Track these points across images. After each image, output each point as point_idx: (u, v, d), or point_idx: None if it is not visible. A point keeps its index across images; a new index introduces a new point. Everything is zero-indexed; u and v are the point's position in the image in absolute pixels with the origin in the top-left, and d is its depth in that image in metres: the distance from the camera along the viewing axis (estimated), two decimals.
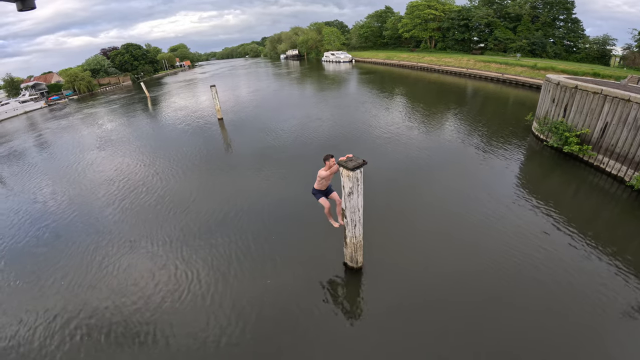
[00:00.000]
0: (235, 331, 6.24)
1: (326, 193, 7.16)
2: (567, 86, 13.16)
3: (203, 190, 12.66)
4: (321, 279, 7.42)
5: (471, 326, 5.98)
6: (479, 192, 10.93)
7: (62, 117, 37.24)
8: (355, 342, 5.86)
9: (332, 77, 49.63)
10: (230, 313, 6.64)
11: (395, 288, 6.99)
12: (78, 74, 62.78)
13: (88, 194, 13.24)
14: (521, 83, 31.96)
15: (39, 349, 6.23)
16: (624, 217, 9.32)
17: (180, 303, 7.02)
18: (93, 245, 9.54)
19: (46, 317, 6.97)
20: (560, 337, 5.64)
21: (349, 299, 6.92)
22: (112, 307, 7.08)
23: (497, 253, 7.81)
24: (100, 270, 8.35)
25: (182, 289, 7.41)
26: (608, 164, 11.36)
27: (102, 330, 6.52)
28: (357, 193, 6.25)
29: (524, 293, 6.64)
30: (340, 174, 6.14)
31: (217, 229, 9.74)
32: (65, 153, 20.26)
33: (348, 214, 6.56)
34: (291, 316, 6.48)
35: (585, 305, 6.28)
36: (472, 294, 6.70)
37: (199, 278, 7.72)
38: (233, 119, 24.81)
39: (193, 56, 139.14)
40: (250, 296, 7.05)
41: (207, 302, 6.97)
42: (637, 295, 6.36)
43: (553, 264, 7.37)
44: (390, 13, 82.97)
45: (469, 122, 19.64)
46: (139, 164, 16.20)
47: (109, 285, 7.76)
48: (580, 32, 48.01)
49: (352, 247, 7.15)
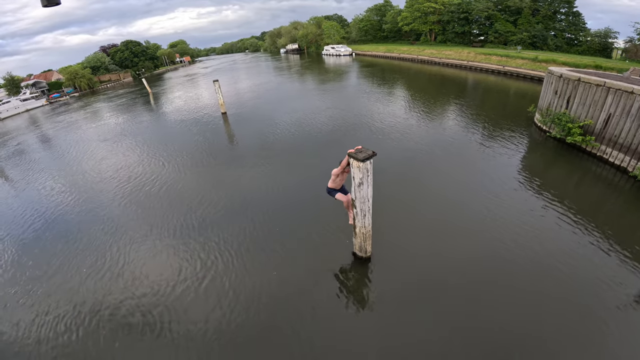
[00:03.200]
0: (242, 320, 6.41)
1: (342, 191, 7.33)
2: (569, 78, 13.25)
3: (209, 183, 12.82)
4: (331, 268, 7.58)
5: (477, 312, 6.16)
6: (482, 182, 11.09)
7: (64, 114, 37.32)
8: (364, 330, 6.01)
9: (333, 70, 49.60)
10: (237, 303, 6.81)
11: (403, 276, 7.16)
12: (78, 72, 62.76)
13: (96, 188, 13.41)
14: (522, 75, 31.95)
15: (60, 340, 6.45)
16: (627, 206, 9.45)
17: (189, 294, 7.20)
18: (103, 238, 9.74)
19: (65, 310, 7.18)
20: (561, 323, 5.84)
21: (358, 287, 7.07)
22: (124, 298, 7.28)
23: (501, 241, 7.97)
24: (112, 262, 8.56)
25: (191, 280, 7.58)
26: (611, 155, 11.49)
27: (114, 319, 6.73)
28: (367, 184, 6.39)
29: (528, 279, 6.81)
30: (351, 165, 6.27)
31: (224, 222, 9.90)
32: (71, 149, 20.41)
33: (358, 204, 6.71)
34: (299, 305, 6.63)
35: (585, 293, 6.44)
36: (477, 281, 6.86)
37: (205, 270, 7.89)
38: (236, 113, 24.94)
39: (193, 52, 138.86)
40: (258, 286, 7.20)
41: (215, 293, 7.14)
42: (637, 286, 6.52)
43: (556, 251, 7.53)
44: (389, 6, 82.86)
45: (471, 113, 19.73)
46: (145, 158, 16.35)
47: (122, 277, 7.96)
48: (582, 25, 47.78)
49: (362, 236, 7.32)
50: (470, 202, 9.91)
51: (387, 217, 9.11)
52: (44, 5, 3.63)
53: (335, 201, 7.64)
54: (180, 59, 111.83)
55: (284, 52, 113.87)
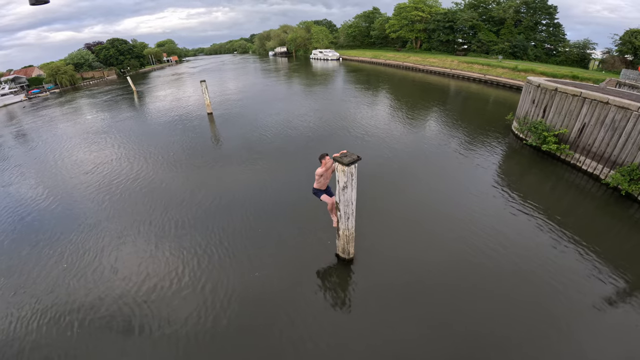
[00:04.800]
0: (222, 320, 6.40)
1: (327, 192, 7.49)
2: (547, 88, 13.80)
3: (192, 182, 12.74)
4: (313, 270, 7.67)
5: (454, 311, 6.38)
6: (459, 187, 11.47)
7: (43, 109, 36.30)
8: (347, 331, 6.11)
9: (320, 74, 49.96)
10: (217, 303, 6.80)
11: (384, 278, 7.32)
12: (60, 68, 61.10)
13: (72, 186, 13.10)
14: (502, 84, 33.08)
15: (28, 340, 6.31)
16: (599, 212, 9.92)
17: (167, 294, 7.15)
18: (79, 234, 9.58)
19: (36, 307, 7.01)
20: (533, 322, 6.12)
21: (341, 288, 7.19)
22: (100, 297, 7.17)
23: (477, 244, 8.26)
24: (88, 259, 8.40)
25: (169, 281, 7.52)
26: (584, 163, 12.01)
27: (88, 320, 6.63)
28: (351, 187, 6.56)
29: (503, 282, 7.09)
30: (335, 169, 6.43)
31: (206, 222, 9.87)
32: (48, 145, 19.84)
33: (342, 207, 6.86)
34: (281, 307, 6.67)
35: (558, 295, 6.73)
36: (454, 282, 7.11)
37: (185, 270, 7.85)
38: (222, 114, 24.88)
39: (181, 51, 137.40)
40: (239, 287, 7.21)
41: (194, 293, 7.12)
42: (606, 289, 6.86)
43: (530, 255, 7.88)
44: (377, 14, 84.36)
45: (452, 120, 20.29)
46: (126, 157, 16.08)
47: (98, 274, 7.83)
48: (562, 36, 49.60)
49: (345, 239, 7.46)
50: (448, 206, 10.23)
51: (368, 220, 9.28)
52: (32, 3, 3.63)
53: (317, 202, 7.79)
54: (167, 59, 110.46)
55: (272, 55, 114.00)
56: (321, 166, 7.07)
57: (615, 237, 8.76)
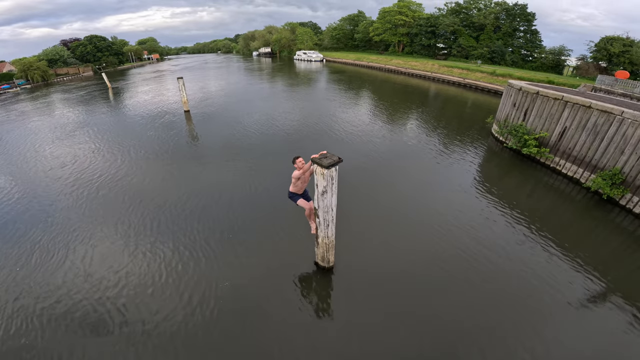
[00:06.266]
0: (196, 327, 6.00)
1: (304, 197, 7.02)
2: (528, 91, 13.81)
3: (165, 182, 12.09)
4: (291, 278, 7.24)
5: (434, 316, 6.22)
6: (439, 190, 11.33)
7: (12, 105, 34.47)
8: (325, 341, 5.76)
9: (303, 75, 49.58)
10: (190, 310, 6.35)
11: (364, 286, 6.97)
12: (32, 64, 58.49)
13: (40, 184, 12.17)
14: (480, 88, 33.66)
15: None
16: (579, 215, 9.90)
17: (137, 296, 6.69)
18: (46, 235, 8.88)
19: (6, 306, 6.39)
20: (510, 319, 6.10)
21: (320, 298, 6.78)
22: (72, 296, 6.65)
23: (457, 249, 8.09)
24: (58, 257, 7.70)
25: (139, 283, 7.04)
26: (564, 166, 12.02)
27: (61, 318, 6.20)
28: (331, 192, 6.11)
29: (482, 282, 6.98)
30: (314, 172, 5.97)
31: (176, 223, 9.30)
32: (16, 141, 18.62)
33: (321, 213, 6.41)
34: (257, 316, 6.27)
35: (534, 292, 6.78)
36: (434, 288, 6.92)
37: (153, 273, 7.34)
38: (200, 112, 24.15)
39: (163, 50, 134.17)
40: (213, 295, 6.75)
41: (164, 298, 6.61)
42: (582, 289, 6.90)
43: (507, 256, 7.82)
44: (362, 17, 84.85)
45: (432, 122, 20.32)
46: (96, 154, 15.11)
47: (66, 275, 7.22)
48: (538, 42, 51.04)
49: (324, 247, 7.03)
50: (428, 210, 10.02)
51: (348, 225, 8.88)
52: None
53: (296, 206, 7.33)
54: (148, 56, 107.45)
55: (256, 55, 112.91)
56: (300, 170, 6.54)
57: (595, 239, 8.86)
